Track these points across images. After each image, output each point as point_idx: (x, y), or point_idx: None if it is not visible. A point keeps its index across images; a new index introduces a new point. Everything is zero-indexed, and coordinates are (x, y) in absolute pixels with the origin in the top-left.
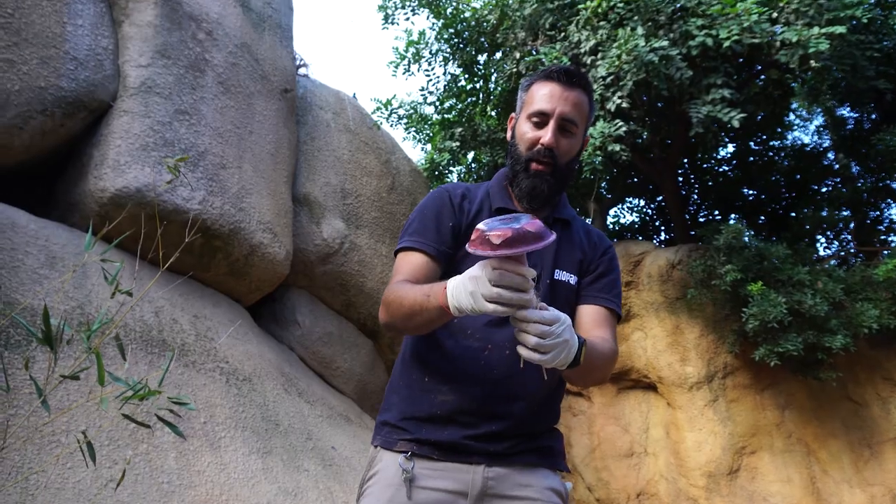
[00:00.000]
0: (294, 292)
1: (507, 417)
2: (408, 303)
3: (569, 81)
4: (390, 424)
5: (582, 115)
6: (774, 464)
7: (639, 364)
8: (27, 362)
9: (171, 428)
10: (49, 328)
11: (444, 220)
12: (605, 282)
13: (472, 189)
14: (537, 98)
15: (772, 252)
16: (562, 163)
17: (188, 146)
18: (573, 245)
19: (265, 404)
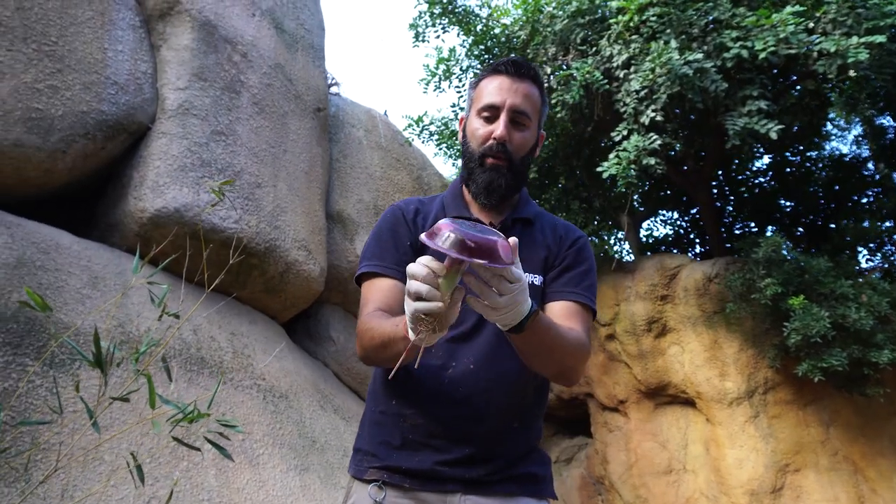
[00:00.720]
0: (328, 308)
1: (479, 439)
2: (378, 335)
3: (517, 73)
4: (362, 451)
5: (534, 106)
6: (820, 482)
7: (676, 379)
8: (77, 385)
9: (220, 450)
10: (100, 351)
11: (401, 240)
12: (572, 275)
13: (426, 202)
14: (486, 92)
15: (813, 265)
16: (516, 158)
17: (224, 166)
18: (535, 244)
19: (302, 421)
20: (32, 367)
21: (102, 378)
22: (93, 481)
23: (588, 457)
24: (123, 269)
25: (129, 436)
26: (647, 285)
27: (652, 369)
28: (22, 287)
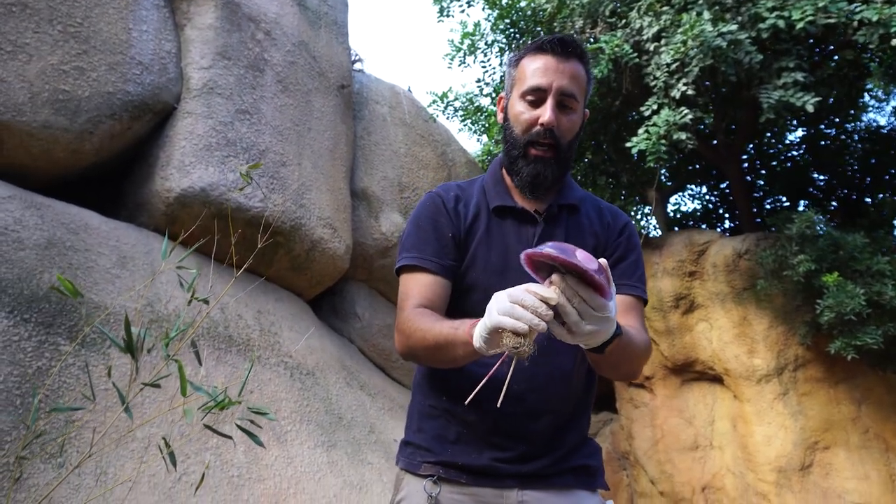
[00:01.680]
0: (353, 285)
1: (535, 436)
2: (432, 336)
3: (564, 52)
4: (414, 444)
5: (581, 87)
6: (850, 460)
7: (703, 356)
8: (110, 370)
9: (252, 437)
10: (130, 337)
11: (443, 231)
12: (626, 265)
13: (466, 188)
14: (530, 73)
15: (848, 241)
16: (564, 143)
17: (249, 145)
18: (583, 231)
19: (328, 398)
20: (65, 346)
21: (134, 364)
22: (126, 458)
23: (613, 432)
24: (151, 249)
25: (159, 415)
26: (675, 261)
27: (679, 346)
28: (53, 267)
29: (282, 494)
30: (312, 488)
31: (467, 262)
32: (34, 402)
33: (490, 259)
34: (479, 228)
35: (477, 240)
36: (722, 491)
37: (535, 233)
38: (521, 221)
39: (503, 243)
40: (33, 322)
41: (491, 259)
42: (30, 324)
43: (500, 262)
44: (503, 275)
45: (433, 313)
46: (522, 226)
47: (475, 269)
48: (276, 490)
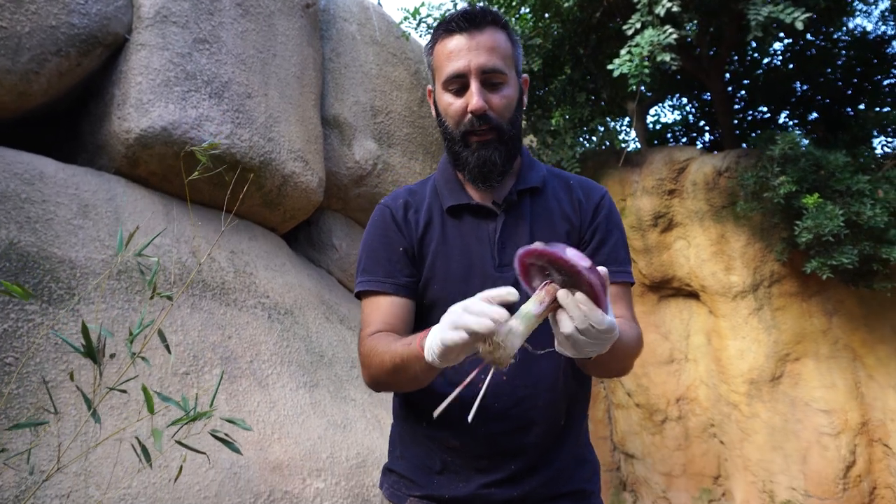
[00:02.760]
0: (329, 216)
1: (524, 452)
2: (388, 358)
3: (473, 25)
4: (397, 473)
5: (504, 56)
6: (819, 370)
7: (681, 273)
8: (72, 374)
9: (228, 446)
10: (90, 342)
11: (393, 247)
12: (609, 249)
13: (417, 191)
14: (445, 59)
15: (830, 160)
16: (503, 123)
17: (210, 77)
18: (552, 216)
19: (308, 336)
20: (31, 305)
21: (97, 369)
22: (107, 416)
23: None
24: (114, 195)
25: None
26: (655, 180)
27: (657, 264)
28: (10, 223)
29: (266, 440)
30: (297, 431)
31: (427, 275)
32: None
33: (450, 268)
34: (434, 235)
35: (433, 249)
36: (695, 402)
37: (496, 227)
38: (478, 218)
39: (462, 247)
40: None
41: (451, 268)
42: None
43: (462, 269)
44: (467, 282)
45: (390, 334)
46: (481, 223)
47: (436, 281)
48: (260, 437)
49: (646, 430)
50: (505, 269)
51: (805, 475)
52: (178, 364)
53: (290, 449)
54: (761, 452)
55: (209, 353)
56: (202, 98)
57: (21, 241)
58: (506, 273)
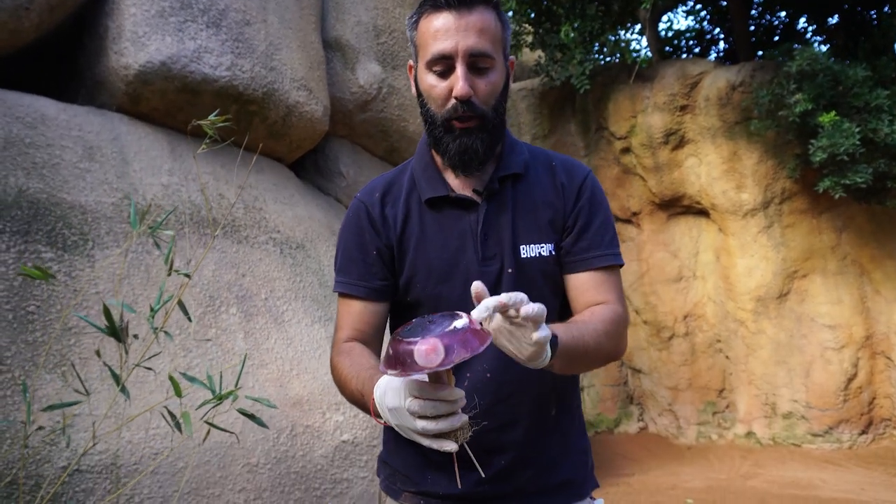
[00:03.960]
0: (335, 143)
1: (512, 447)
2: (348, 392)
3: (462, 3)
4: (391, 467)
5: (494, 39)
6: (826, 286)
7: (691, 191)
8: (98, 351)
9: (255, 420)
10: (112, 322)
11: (367, 248)
12: (592, 234)
13: (395, 180)
14: (430, 37)
15: (848, 75)
16: (487, 110)
17: (207, 5)
18: (535, 203)
19: (320, 270)
20: (47, 252)
21: (123, 347)
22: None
23: None
24: (118, 134)
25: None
26: (667, 95)
27: (667, 181)
28: (17, 169)
29: (285, 377)
30: (314, 366)
31: (408, 273)
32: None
33: (432, 265)
34: (413, 231)
35: (413, 246)
36: (702, 318)
37: (478, 219)
38: (459, 209)
39: (444, 242)
40: (8, 232)
41: (433, 265)
42: (5, 234)
43: (443, 267)
44: (448, 281)
45: (353, 352)
46: (462, 214)
47: (418, 280)
48: (280, 373)
49: (653, 346)
50: (489, 262)
51: (807, 388)
52: (196, 305)
53: (309, 384)
54: (766, 367)
55: (225, 292)
56: (199, 28)
57: (30, 187)
58: (490, 266)
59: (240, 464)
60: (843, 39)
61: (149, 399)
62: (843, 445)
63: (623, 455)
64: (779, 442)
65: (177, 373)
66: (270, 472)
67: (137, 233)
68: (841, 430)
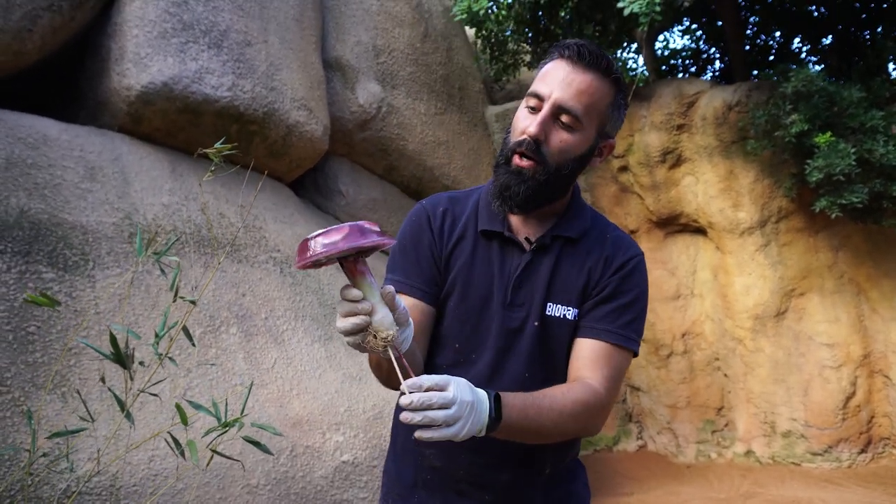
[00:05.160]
0: (335, 161)
1: (498, 486)
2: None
3: (580, 61)
4: (391, 478)
5: (590, 105)
6: (823, 304)
7: (688, 209)
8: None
9: (261, 448)
10: (118, 348)
11: (423, 252)
12: (611, 308)
13: (460, 200)
14: (540, 76)
15: (843, 96)
16: (552, 163)
17: (209, 27)
18: (578, 268)
19: (320, 289)
20: (48, 273)
21: (127, 373)
22: None
23: None
24: (119, 154)
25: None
26: (664, 114)
27: (665, 200)
28: (18, 190)
29: (285, 396)
30: (314, 386)
31: (447, 289)
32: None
33: (468, 292)
34: (464, 252)
35: (459, 266)
36: (700, 336)
37: (520, 264)
38: (507, 248)
39: (486, 274)
40: (9, 252)
41: (469, 292)
42: (6, 254)
43: (480, 295)
44: (482, 309)
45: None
46: (508, 254)
47: (453, 298)
48: (280, 393)
49: (651, 364)
50: (515, 308)
51: (806, 406)
52: (196, 325)
53: (309, 404)
54: (764, 385)
55: (225, 311)
56: (201, 49)
57: (31, 208)
58: (515, 312)
59: (239, 485)
60: (837, 60)
61: (149, 420)
62: (842, 464)
63: (622, 474)
64: (778, 461)
65: (183, 400)
66: (270, 494)
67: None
68: (840, 448)
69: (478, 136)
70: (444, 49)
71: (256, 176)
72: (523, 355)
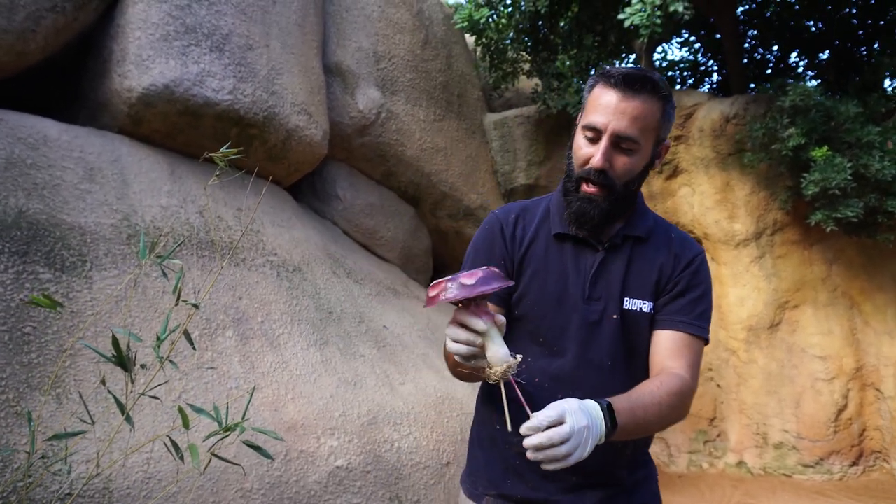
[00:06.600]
0: (333, 166)
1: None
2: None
3: (628, 89)
4: (474, 473)
5: (645, 127)
6: (816, 317)
7: (685, 220)
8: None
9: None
10: (120, 352)
11: (495, 258)
12: (686, 301)
13: (530, 208)
14: (593, 106)
15: (840, 111)
16: (619, 184)
17: (211, 30)
18: (649, 264)
19: (317, 293)
20: (45, 273)
21: (128, 376)
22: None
23: None
24: (119, 156)
25: (154, 315)
26: None
27: (661, 210)
28: (17, 190)
29: (280, 400)
30: (309, 390)
31: (522, 291)
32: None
33: (546, 290)
34: (538, 254)
35: (533, 268)
36: None
37: (595, 262)
38: (581, 248)
39: (560, 272)
40: (7, 252)
41: (547, 290)
42: (3, 255)
43: (555, 293)
44: (558, 307)
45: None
46: (581, 254)
47: (530, 298)
48: (275, 397)
49: None
50: (593, 302)
51: (798, 418)
52: (192, 328)
53: (304, 408)
54: (757, 397)
55: (221, 315)
56: (203, 52)
57: (30, 208)
58: (593, 306)
59: (234, 489)
60: (834, 76)
61: (145, 424)
62: (833, 477)
63: None
64: (770, 472)
65: (184, 404)
66: (264, 498)
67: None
68: (832, 461)
69: (476, 144)
70: (444, 56)
71: (255, 179)
72: (605, 346)
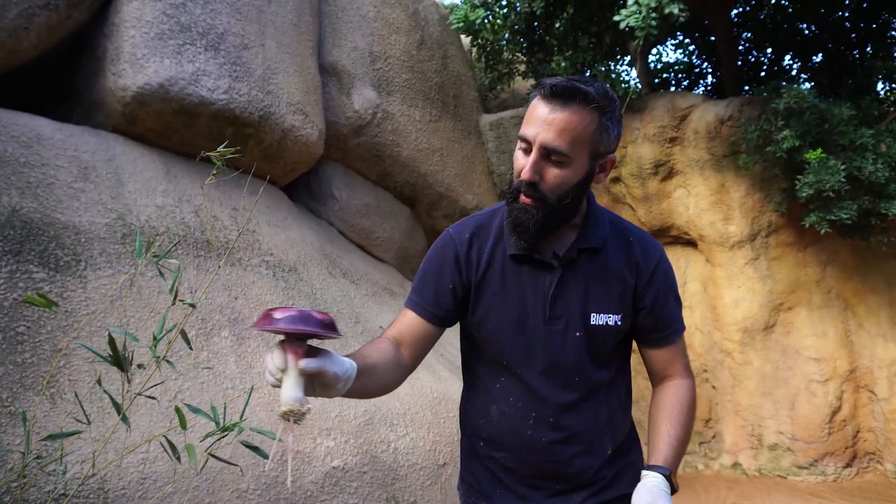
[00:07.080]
0: (329, 166)
1: (569, 478)
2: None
3: (556, 100)
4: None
5: (574, 139)
6: (811, 319)
7: (679, 221)
8: (99, 380)
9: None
10: (116, 351)
11: (443, 281)
12: (669, 312)
13: (486, 224)
14: (527, 117)
15: (834, 114)
16: (551, 198)
17: (206, 29)
18: (609, 277)
19: (313, 293)
20: (39, 273)
21: (124, 376)
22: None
23: None
24: (113, 155)
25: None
26: (657, 127)
27: (656, 212)
28: (10, 188)
29: (276, 401)
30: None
31: (481, 315)
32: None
33: (504, 314)
34: (494, 278)
35: (491, 292)
36: (690, 348)
37: (553, 281)
38: (537, 269)
39: (519, 296)
40: (0, 251)
41: (505, 314)
42: None
43: (516, 315)
44: (518, 330)
45: (376, 341)
46: (539, 274)
47: (489, 323)
48: (271, 398)
49: (640, 374)
50: (553, 321)
51: (792, 420)
52: (188, 328)
53: None
54: (751, 398)
55: (217, 315)
56: (198, 51)
57: (23, 207)
58: (554, 326)
59: (230, 489)
60: (827, 78)
61: (140, 424)
62: (827, 478)
63: None
64: (765, 473)
65: (181, 404)
66: (260, 498)
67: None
68: (826, 462)
69: (472, 144)
70: (440, 57)
71: (251, 179)
72: (572, 362)
